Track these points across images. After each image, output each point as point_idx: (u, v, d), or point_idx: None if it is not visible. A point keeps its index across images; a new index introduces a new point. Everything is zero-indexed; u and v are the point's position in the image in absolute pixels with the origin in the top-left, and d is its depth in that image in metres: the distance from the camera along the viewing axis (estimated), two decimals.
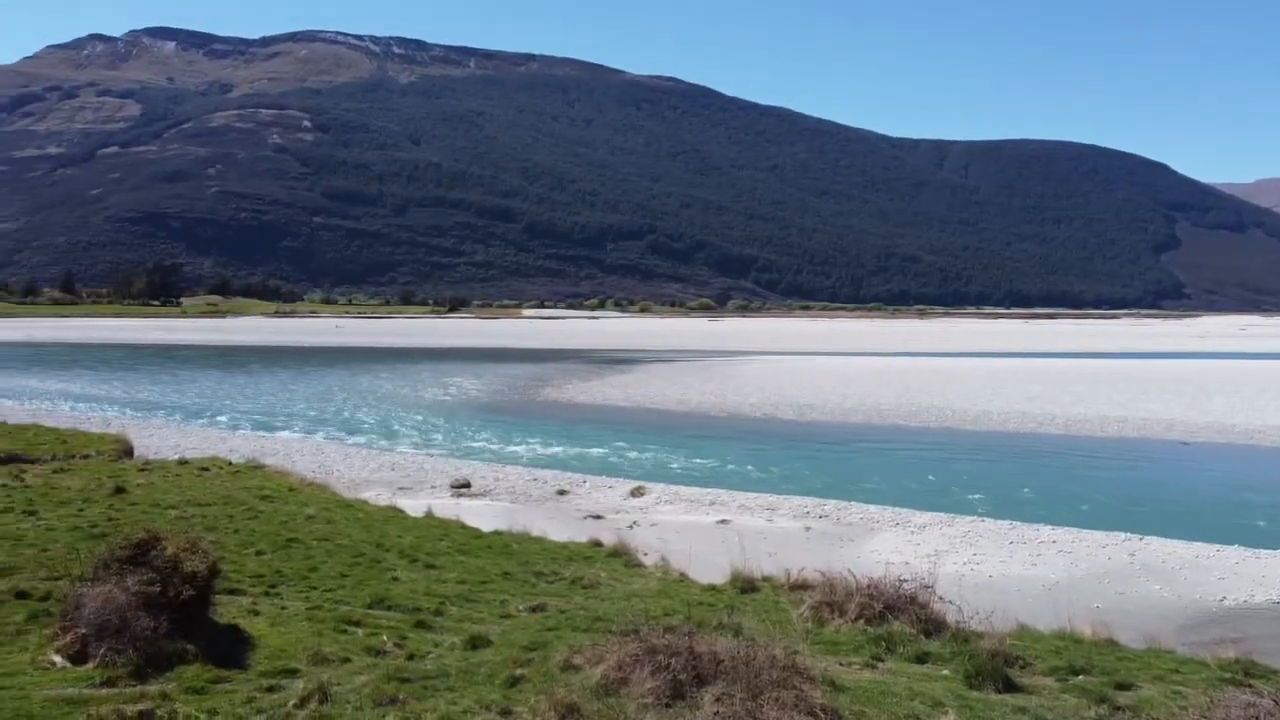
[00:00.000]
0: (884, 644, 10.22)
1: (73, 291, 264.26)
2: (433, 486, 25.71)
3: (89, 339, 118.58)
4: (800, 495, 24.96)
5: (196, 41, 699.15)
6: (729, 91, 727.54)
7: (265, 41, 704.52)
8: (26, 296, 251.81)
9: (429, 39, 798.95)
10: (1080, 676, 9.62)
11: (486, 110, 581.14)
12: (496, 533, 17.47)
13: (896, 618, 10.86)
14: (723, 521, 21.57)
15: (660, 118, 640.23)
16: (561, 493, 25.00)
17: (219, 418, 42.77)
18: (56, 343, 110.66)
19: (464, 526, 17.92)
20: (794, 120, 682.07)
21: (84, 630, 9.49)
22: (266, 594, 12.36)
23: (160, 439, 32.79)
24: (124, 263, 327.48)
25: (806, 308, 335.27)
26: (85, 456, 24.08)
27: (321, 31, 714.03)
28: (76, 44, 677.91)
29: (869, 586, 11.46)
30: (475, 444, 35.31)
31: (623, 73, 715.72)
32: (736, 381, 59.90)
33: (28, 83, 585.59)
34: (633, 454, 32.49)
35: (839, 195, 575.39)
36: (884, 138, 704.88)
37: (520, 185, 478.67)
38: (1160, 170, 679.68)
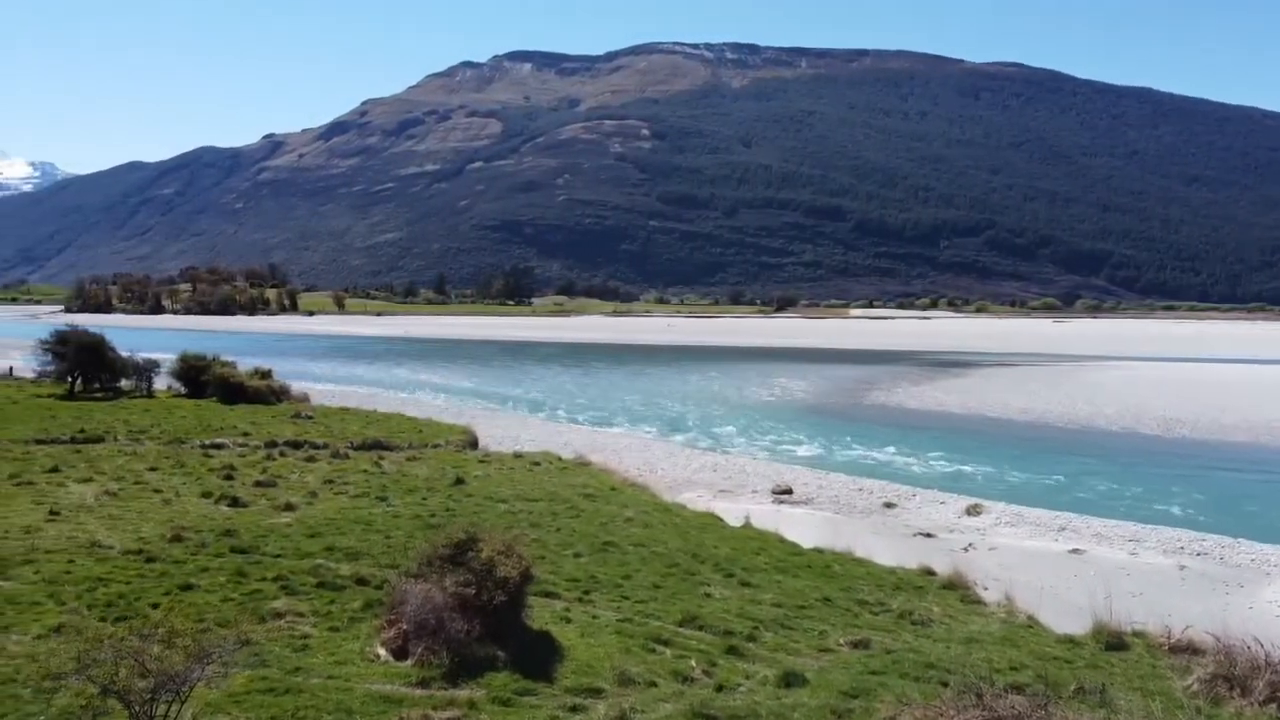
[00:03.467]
0: None
1: (443, 292, 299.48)
2: (753, 491, 25.06)
3: (455, 335, 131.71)
4: (1170, 526, 21.64)
5: (549, 62, 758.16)
6: (1080, 74, 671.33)
7: (609, 56, 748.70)
8: (406, 297, 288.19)
9: (762, 42, 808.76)
10: None
11: (817, 109, 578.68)
12: (817, 550, 16.42)
13: None
14: (1075, 551, 19.03)
15: (1002, 106, 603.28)
16: (888, 505, 23.39)
17: (558, 411, 45.12)
18: (427, 339, 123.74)
19: (782, 541, 17.02)
20: (1157, 100, 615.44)
21: (406, 626, 9.69)
22: (580, 600, 12.21)
23: (503, 430, 34.91)
24: (485, 266, 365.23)
25: (1170, 308, 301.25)
26: (435, 446, 25.98)
27: (660, 43, 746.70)
28: (450, 71, 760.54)
29: None
30: (798, 447, 34.38)
31: (961, 61, 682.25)
32: (1088, 390, 54.31)
33: (410, 109, 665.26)
34: (968, 466, 30.02)
35: (1212, 181, 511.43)
36: (1271, 114, 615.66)
37: (850, 183, 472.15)
38: None
